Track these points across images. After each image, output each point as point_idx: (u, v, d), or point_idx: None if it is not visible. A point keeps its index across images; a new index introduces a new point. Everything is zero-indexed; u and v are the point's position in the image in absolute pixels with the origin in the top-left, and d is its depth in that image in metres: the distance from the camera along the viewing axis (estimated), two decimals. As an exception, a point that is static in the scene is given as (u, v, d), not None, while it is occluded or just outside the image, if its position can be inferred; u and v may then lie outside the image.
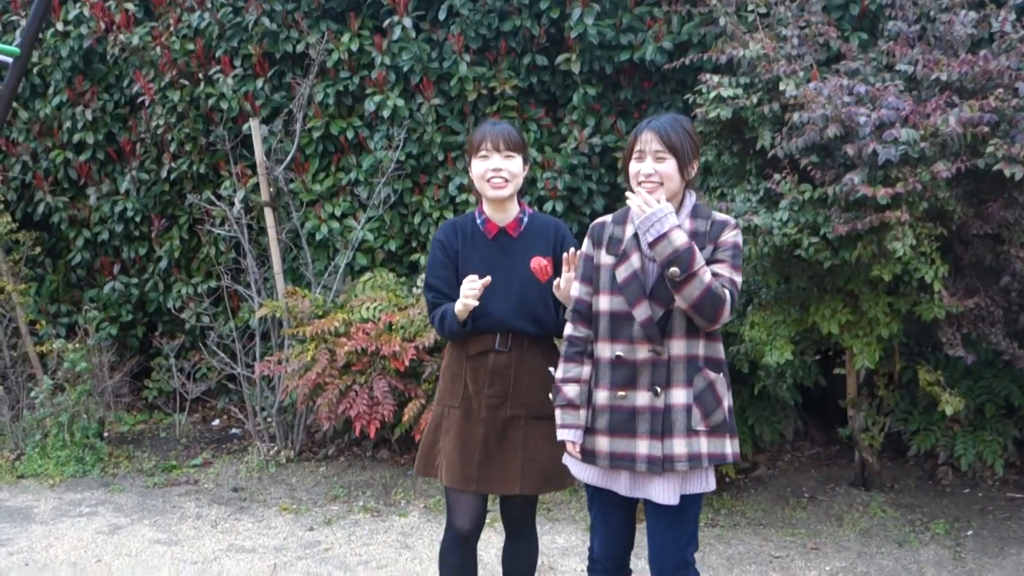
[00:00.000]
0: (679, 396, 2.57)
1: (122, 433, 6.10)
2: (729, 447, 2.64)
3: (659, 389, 2.57)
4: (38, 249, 6.29)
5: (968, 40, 4.15)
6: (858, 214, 3.75)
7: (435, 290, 2.97)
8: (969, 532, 4.40)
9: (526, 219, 3.00)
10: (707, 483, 2.66)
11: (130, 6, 5.70)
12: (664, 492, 2.60)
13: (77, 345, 5.76)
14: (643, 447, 2.58)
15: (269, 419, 5.63)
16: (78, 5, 5.85)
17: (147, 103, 5.70)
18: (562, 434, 2.71)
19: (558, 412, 2.72)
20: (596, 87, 5.28)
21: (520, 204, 3.02)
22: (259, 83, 5.54)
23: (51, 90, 6.04)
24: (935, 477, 5.06)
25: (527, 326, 2.93)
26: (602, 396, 2.65)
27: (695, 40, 5.01)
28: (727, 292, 2.51)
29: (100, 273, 6.33)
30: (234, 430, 6.19)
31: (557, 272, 2.95)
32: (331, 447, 5.63)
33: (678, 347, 2.58)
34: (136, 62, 5.71)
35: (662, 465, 2.57)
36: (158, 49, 5.54)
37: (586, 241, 2.76)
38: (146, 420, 6.37)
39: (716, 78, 4.28)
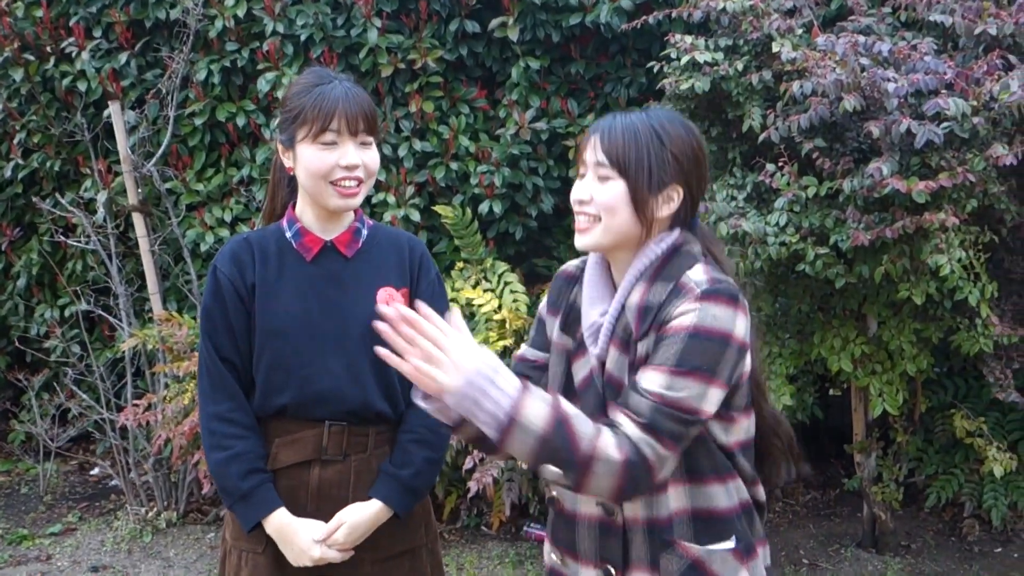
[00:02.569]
0: None
1: (-25, 489, 5.02)
2: None
3: (612, 571, 1.54)
4: None
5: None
6: (883, 216, 2.79)
7: (217, 348, 1.86)
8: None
9: (364, 231, 1.94)
10: None
11: (-36, -35, 4.60)
12: None
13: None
14: None
15: (145, 474, 4.58)
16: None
17: (-19, 84, 4.61)
18: None
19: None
20: (541, 59, 4.27)
21: (355, 210, 1.94)
22: (124, 58, 4.47)
23: None
24: (959, 533, 4.15)
25: (376, 403, 1.86)
26: (546, 552, 1.68)
27: (661, -2, 4.05)
28: (650, 447, 1.40)
29: (-51, 294, 5.22)
30: (115, 482, 5.12)
31: None
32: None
33: (631, 505, 1.52)
34: (-26, 35, 4.61)
35: None
36: (-5, 17, 4.45)
37: (544, 297, 1.74)
38: (9, 471, 5.29)
39: (689, 39, 3.30)
